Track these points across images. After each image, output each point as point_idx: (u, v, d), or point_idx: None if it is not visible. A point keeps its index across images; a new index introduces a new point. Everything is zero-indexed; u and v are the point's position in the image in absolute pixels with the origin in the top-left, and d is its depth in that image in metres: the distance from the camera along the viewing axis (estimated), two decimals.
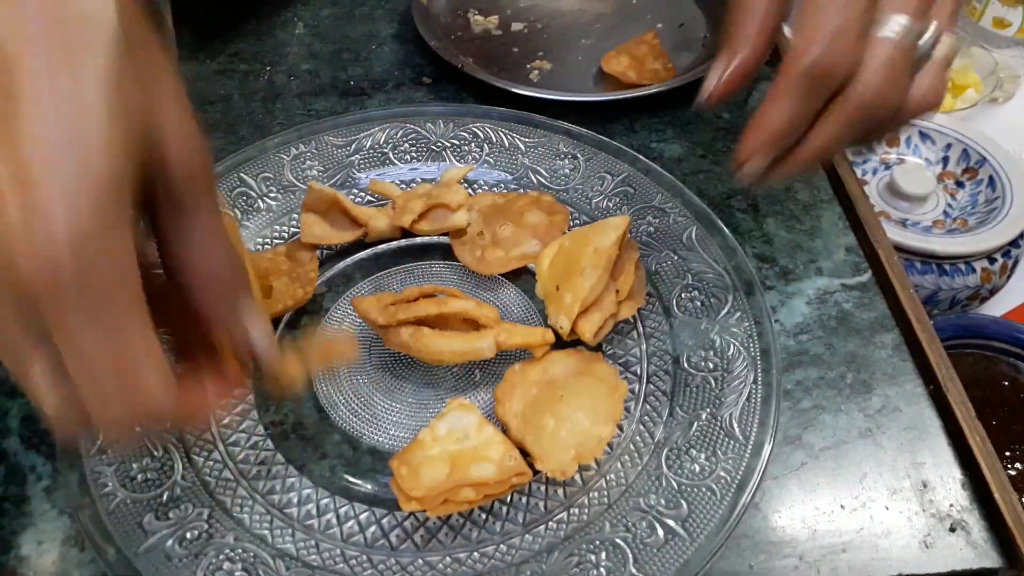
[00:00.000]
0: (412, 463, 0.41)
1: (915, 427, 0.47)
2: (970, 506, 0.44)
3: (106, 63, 0.26)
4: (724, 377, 0.46)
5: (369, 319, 0.45)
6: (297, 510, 0.42)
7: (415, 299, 0.46)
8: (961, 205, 0.89)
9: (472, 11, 0.72)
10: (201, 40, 0.71)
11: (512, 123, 0.58)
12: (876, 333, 0.51)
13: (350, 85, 0.67)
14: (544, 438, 0.42)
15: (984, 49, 1.06)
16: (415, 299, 0.46)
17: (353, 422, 0.46)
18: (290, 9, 0.74)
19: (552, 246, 0.49)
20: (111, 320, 0.26)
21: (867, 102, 0.36)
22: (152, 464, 0.42)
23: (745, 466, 0.42)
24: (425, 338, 0.44)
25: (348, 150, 0.57)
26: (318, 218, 0.53)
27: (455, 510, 0.40)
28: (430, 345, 0.44)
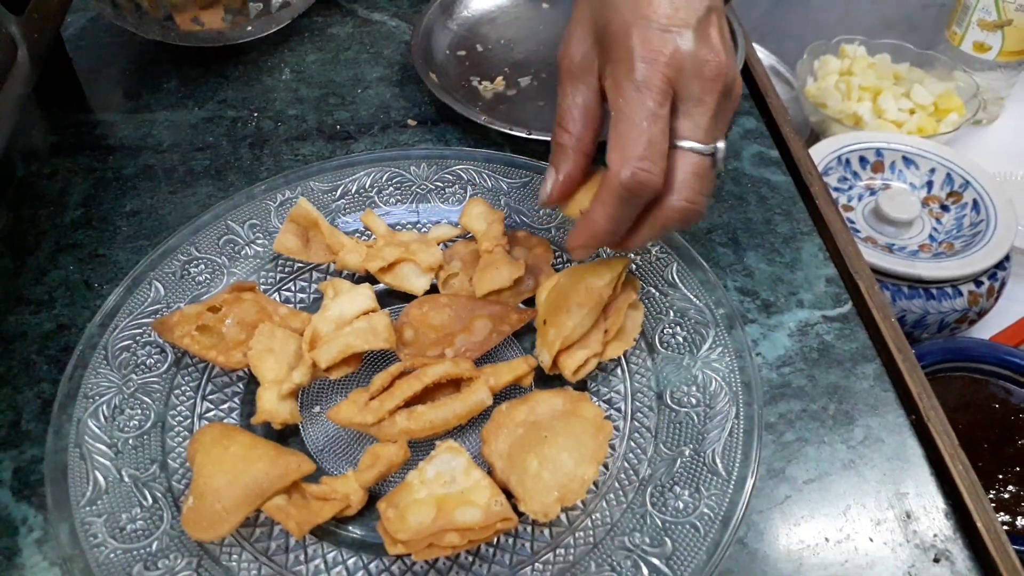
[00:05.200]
0: (399, 506, 0.41)
1: (898, 457, 0.47)
2: (954, 536, 0.44)
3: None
4: (707, 412, 0.46)
5: (355, 424, 0.45)
6: (285, 557, 0.42)
7: (390, 384, 0.46)
8: (947, 229, 0.90)
9: (474, 79, 0.73)
10: (189, 87, 0.72)
11: (495, 164, 0.59)
12: (857, 364, 0.52)
13: (336, 129, 0.68)
14: (528, 479, 0.42)
15: (966, 73, 1.07)
16: (390, 384, 0.46)
17: (339, 466, 0.46)
18: (276, 55, 0.76)
19: (551, 279, 0.50)
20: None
21: (678, 212, 0.41)
22: (141, 514, 0.43)
23: (728, 501, 0.43)
24: (425, 415, 0.45)
25: (334, 195, 0.58)
26: (299, 232, 0.54)
27: (440, 555, 0.40)
28: (432, 419, 0.45)
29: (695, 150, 0.41)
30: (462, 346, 0.49)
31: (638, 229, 0.43)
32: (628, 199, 0.40)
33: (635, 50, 0.40)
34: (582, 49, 0.44)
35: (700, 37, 0.40)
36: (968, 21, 1.08)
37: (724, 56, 0.41)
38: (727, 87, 0.41)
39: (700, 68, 0.40)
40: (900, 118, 1.05)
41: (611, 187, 0.40)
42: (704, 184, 0.41)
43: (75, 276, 0.57)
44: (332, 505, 0.42)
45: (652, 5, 0.40)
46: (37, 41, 0.61)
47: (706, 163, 0.41)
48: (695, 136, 0.41)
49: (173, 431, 0.47)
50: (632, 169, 0.39)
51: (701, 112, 0.41)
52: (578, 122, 0.44)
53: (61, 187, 0.63)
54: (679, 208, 0.41)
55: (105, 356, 0.49)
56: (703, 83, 0.40)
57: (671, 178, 0.41)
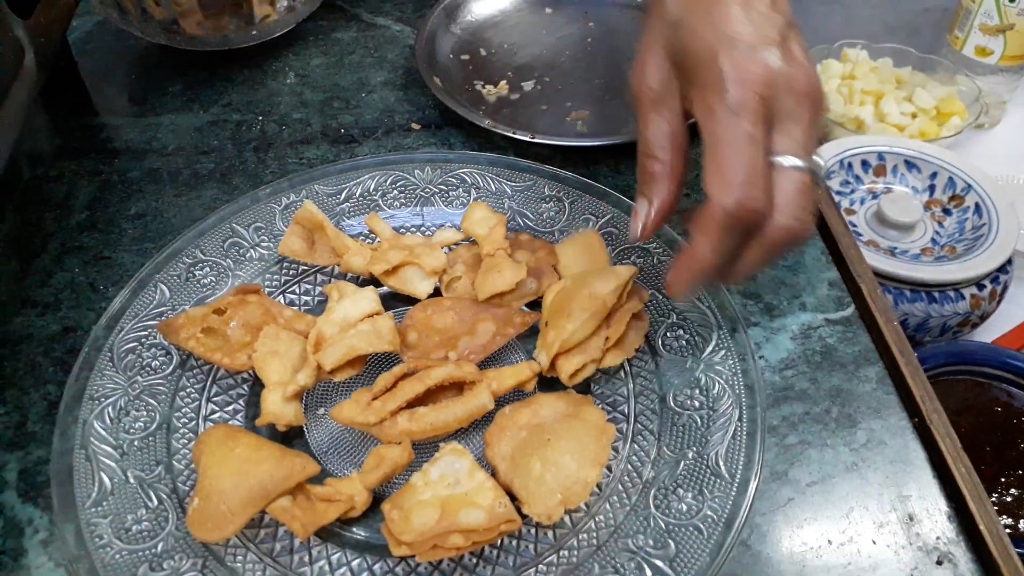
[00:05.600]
0: (403, 507, 0.42)
1: (900, 460, 0.48)
2: (956, 538, 0.44)
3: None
4: (710, 415, 0.47)
5: (357, 423, 0.45)
6: (290, 558, 0.42)
7: (392, 385, 0.46)
8: (949, 232, 0.90)
9: (478, 83, 0.73)
10: (194, 91, 0.73)
11: (499, 168, 0.59)
12: (860, 367, 0.52)
13: (340, 133, 0.68)
14: (531, 482, 0.42)
15: (968, 77, 1.07)
16: (392, 385, 0.46)
17: (344, 467, 0.46)
18: (281, 59, 0.76)
19: (559, 282, 0.51)
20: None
21: (787, 232, 0.39)
22: (146, 515, 0.43)
23: (732, 504, 0.43)
24: (426, 417, 0.45)
25: (338, 198, 0.58)
26: (304, 234, 0.54)
27: (444, 556, 0.40)
28: (434, 421, 0.45)
29: (796, 167, 0.39)
30: (465, 349, 0.50)
31: (744, 257, 0.41)
32: (734, 227, 0.38)
33: (725, 72, 0.38)
34: (660, 75, 0.43)
35: (786, 53, 0.39)
36: (970, 25, 1.08)
37: (810, 71, 0.40)
38: (819, 100, 0.40)
39: (791, 84, 0.39)
40: (902, 122, 1.05)
41: (715, 217, 0.38)
42: (808, 201, 0.39)
43: (81, 278, 0.57)
44: (337, 506, 0.42)
45: (735, 25, 0.39)
46: (43, 45, 0.61)
47: (808, 179, 0.39)
48: (795, 152, 0.39)
49: (178, 433, 0.47)
50: (737, 196, 0.37)
51: (798, 128, 0.39)
52: (667, 149, 0.42)
53: (67, 190, 0.64)
54: (787, 228, 0.39)
55: (111, 358, 0.49)
56: (796, 99, 0.39)
57: (775, 199, 0.39)
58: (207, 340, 0.49)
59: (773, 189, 0.39)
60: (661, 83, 0.43)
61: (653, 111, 0.43)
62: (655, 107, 0.43)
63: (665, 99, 0.43)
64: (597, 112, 0.70)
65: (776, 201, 0.39)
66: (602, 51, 0.76)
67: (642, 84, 0.43)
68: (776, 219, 0.39)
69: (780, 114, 0.39)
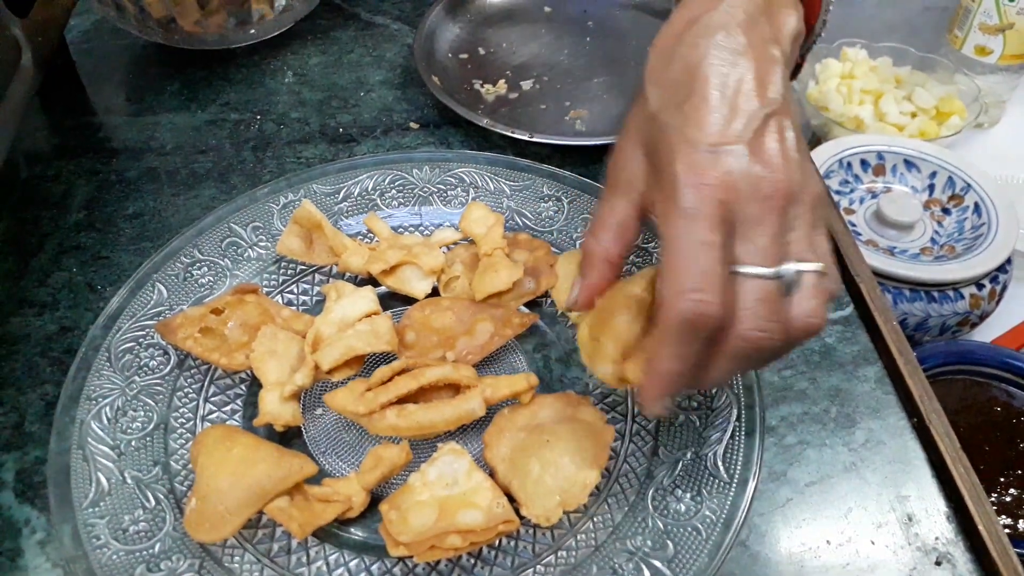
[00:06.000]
0: (401, 508, 0.42)
1: (899, 460, 0.48)
2: (955, 539, 0.44)
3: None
4: (708, 415, 0.46)
5: (347, 412, 0.45)
6: (287, 559, 0.42)
7: (389, 379, 0.46)
8: (948, 232, 0.90)
9: (476, 82, 0.73)
10: (192, 90, 0.72)
11: (497, 167, 0.59)
12: (859, 367, 0.52)
13: (339, 132, 0.68)
14: (529, 483, 0.42)
15: (967, 76, 1.07)
16: (389, 379, 0.46)
17: (342, 468, 0.46)
18: (279, 58, 0.76)
19: (589, 315, 0.48)
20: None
21: (750, 341, 0.37)
22: (144, 516, 0.43)
23: (730, 504, 0.43)
24: (414, 415, 0.44)
25: (336, 197, 0.58)
26: (302, 234, 0.54)
27: (442, 556, 0.40)
28: (421, 420, 0.44)
29: (756, 275, 0.36)
30: (463, 349, 0.49)
31: (711, 366, 0.38)
32: (687, 333, 0.37)
33: (679, 177, 0.37)
34: (631, 164, 0.42)
35: (755, 151, 0.37)
36: (969, 25, 1.08)
37: (782, 170, 0.37)
38: (787, 201, 0.37)
39: (755, 186, 0.37)
40: (901, 121, 1.05)
41: (667, 323, 0.37)
42: (772, 310, 0.37)
43: (78, 278, 0.57)
44: (334, 507, 0.42)
45: (700, 124, 0.37)
46: (41, 44, 0.61)
47: (771, 287, 0.37)
48: (754, 260, 0.37)
49: (176, 433, 0.47)
50: (686, 301, 0.36)
51: (760, 233, 0.37)
52: (610, 234, 0.42)
53: (64, 189, 0.63)
54: (747, 338, 0.37)
55: (108, 358, 0.49)
56: (759, 202, 0.37)
57: (734, 307, 0.37)
58: (205, 340, 0.49)
59: (734, 297, 0.36)
60: (629, 172, 0.42)
61: (611, 194, 0.42)
62: (614, 191, 0.42)
63: (627, 188, 0.42)
64: (596, 111, 0.70)
65: (735, 310, 0.36)
66: (601, 50, 0.76)
67: (612, 166, 0.43)
68: (736, 329, 0.37)
69: (741, 220, 0.37)
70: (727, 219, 0.36)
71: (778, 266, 0.37)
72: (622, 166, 0.42)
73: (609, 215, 0.42)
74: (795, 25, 0.42)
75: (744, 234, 0.37)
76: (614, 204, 0.42)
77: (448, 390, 0.46)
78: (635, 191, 0.42)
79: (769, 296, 0.37)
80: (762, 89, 0.38)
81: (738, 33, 0.39)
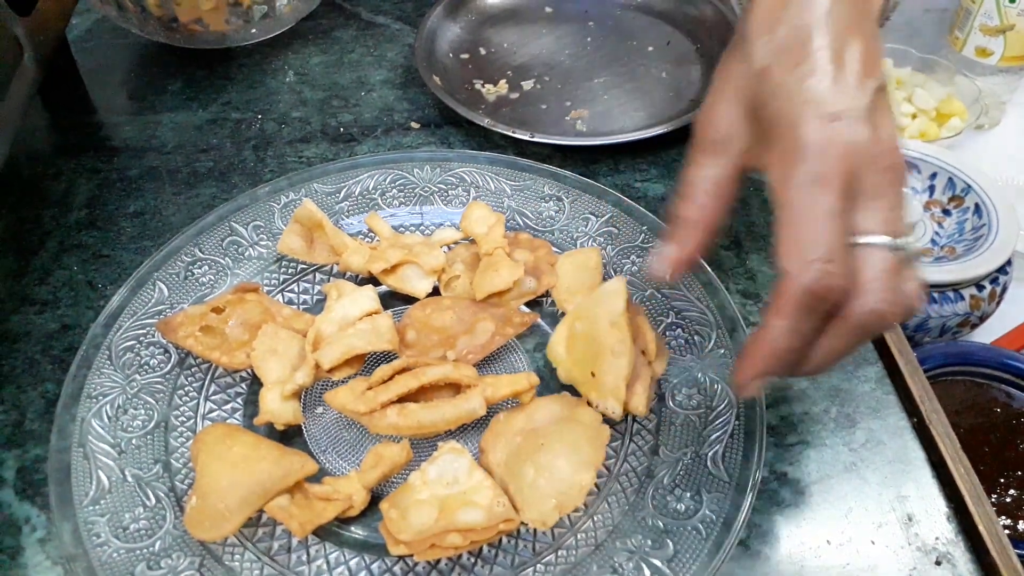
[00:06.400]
0: (401, 506, 0.42)
1: (899, 460, 0.48)
2: (955, 539, 0.44)
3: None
4: (708, 415, 0.46)
5: (348, 410, 0.45)
6: (287, 557, 0.42)
7: (389, 378, 0.46)
8: (948, 233, 0.90)
9: (477, 82, 0.73)
10: (193, 89, 0.72)
11: (498, 167, 0.59)
12: (859, 367, 0.52)
13: (340, 131, 0.68)
14: (525, 488, 0.42)
15: (967, 77, 1.07)
16: (389, 378, 0.46)
17: (342, 466, 0.46)
18: (280, 58, 0.76)
19: (560, 331, 0.48)
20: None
21: (873, 315, 0.36)
22: (144, 514, 0.43)
23: (730, 504, 0.43)
24: (414, 414, 0.44)
25: (337, 197, 0.58)
26: (303, 233, 0.54)
27: (442, 555, 0.40)
28: (422, 419, 0.44)
29: (883, 245, 0.36)
30: (464, 348, 0.49)
31: (822, 345, 0.37)
32: (813, 307, 0.35)
33: (808, 141, 0.35)
34: (727, 120, 0.40)
35: (873, 124, 0.36)
36: (970, 26, 1.08)
37: (896, 143, 0.37)
38: (901, 175, 0.37)
39: (877, 159, 0.36)
40: (902, 123, 1.05)
41: (792, 295, 0.35)
42: (897, 282, 0.36)
43: (79, 276, 0.57)
44: (335, 505, 0.42)
45: (824, 88, 0.36)
46: (42, 43, 0.61)
47: (895, 259, 0.36)
48: (881, 230, 0.36)
49: (176, 431, 0.47)
50: (816, 272, 0.34)
51: (883, 205, 0.36)
52: (709, 196, 0.40)
53: (65, 188, 0.64)
54: (872, 311, 0.35)
55: (109, 356, 0.49)
56: (882, 174, 0.36)
57: (859, 279, 0.35)
58: (205, 339, 0.49)
59: (858, 268, 0.36)
60: (726, 131, 0.40)
61: (706, 155, 0.41)
62: (710, 151, 0.41)
63: (725, 147, 0.40)
64: (597, 111, 0.70)
65: (860, 281, 0.35)
66: (602, 50, 0.76)
67: (705, 124, 0.41)
68: (860, 301, 0.35)
69: (864, 190, 0.36)
70: (851, 188, 0.36)
71: (899, 238, 0.36)
72: (718, 123, 0.40)
73: (704, 177, 0.40)
74: (880, 1, 0.41)
75: (867, 205, 0.36)
76: (709, 165, 0.40)
77: (449, 389, 0.46)
78: (734, 150, 0.40)
79: (893, 268, 0.36)
80: (872, 63, 0.37)
81: (843, 4, 0.38)
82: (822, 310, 0.36)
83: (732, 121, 0.40)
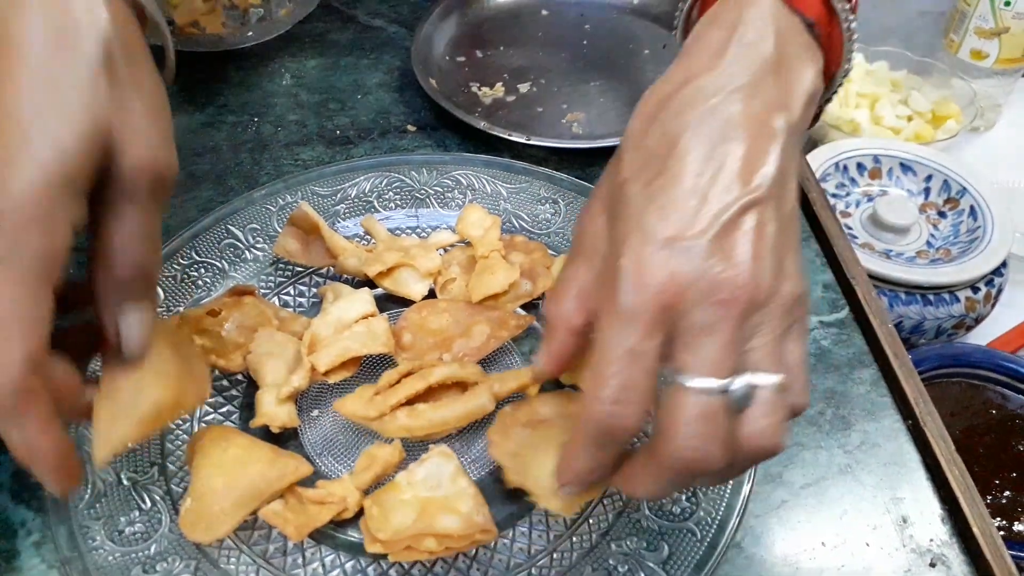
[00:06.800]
0: (384, 505, 0.42)
1: (894, 462, 0.48)
2: (950, 540, 0.45)
3: (88, 61, 0.33)
4: None
5: (359, 417, 0.45)
6: (283, 560, 0.42)
7: (396, 382, 0.46)
8: (944, 235, 0.91)
9: (474, 85, 0.73)
10: (189, 92, 0.72)
11: (494, 170, 0.60)
12: (854, 369, 0.52)
13: (336, 134, 0.68)
14: (544, 477, 0.42)
15: (963, 80, 1.08)
16: (396, 382, 0.46)
17: (338, 469, 0.46)
18: (277, 61, 0.76)
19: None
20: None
21: (683, 460, 0.33)
22: (140, 517, 0.43)
23: (725, 506, 0.43)
24: (424, 414, 0.45)
25: (334, 199, 0.58)
26: (299, 236, 0.54)
27: (416, 559, 0.40)
28: (432, 419, 0.45)
29: (699, 388, 0.32)
30: (460, 351, 0.50)
31: (641, 475, 0.36)
32: (601, 440, 0.34)
33: (621, 272, 0.33)
34: (594, 227, 0.37)
35: (717, 249, 0.32)
36: (965, 29, 1.08)
37: (747, 271, 0.32)
38: (750, 306, 0.32)
39: (710, 290, 0.32)
40: (898, 125, 1.05)
41: (583, 425, 0.34)
42: (713, 428, 0.32)
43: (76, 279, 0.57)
44: (329, 508, 0.42)
45: (662, 211, 0.33)
46: None
47: (713, 403, 0.32)
48: (698, 371, 0.32)
49: (172, 434, 0.47)
50: (601, 409, 0.33)
51: (709, 343, 0.32)
52: (570, 300, 0.37)
53: None
54: (680, 456, 0.33)
55: None
56: (713, 308, 0.32)
57: (668, 421, 0.33)
58: (202, 341, 0.49)
59: (669, 409, 0.33)
60: (592, 235, 0.37)
61: (574, 257, 0.38)
62: (577, 254, 0.38)
63: (590, 253, 0.37)
64: (593, 114, 0.70)
65: (666, 424, 0.33)
66: (598, 53, 0.77)
67: (577, 226, 0.39)
68: (664, 444, 0.33)
69: (689, 326, 0.32)
70: (671, 324, 0.33)
71: (727, 379, 0.32)
72: (585, 229, 0.38)
73: (571, 280, 0.38)
74: (811, 82, 0.37)
75: (690, 343, 0.33)
76: (576, 268, 0.38)
77: (455, 389, 0.46)
78: (597, 256, 0.37)
79: (710, 413, 0.32)
80: (747, 173, 0.33)
81: (735, 101, 0.34)
82: (612, 445, 0.34)
83: (597, 228, 0.37)
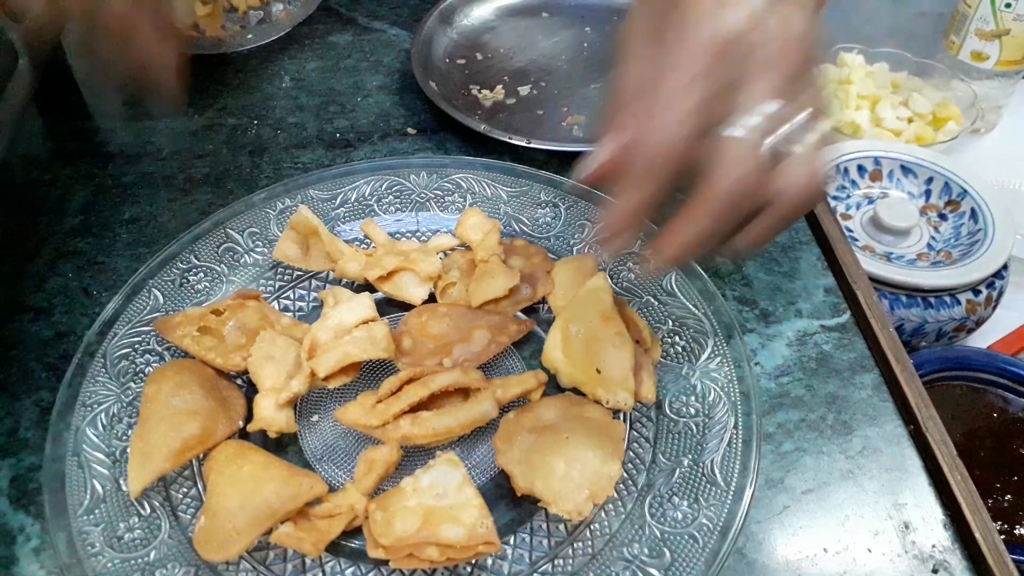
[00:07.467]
0: (388, 510, 0.42)
1: (896, 468, 0.47)
2: (952, 546, 0.44)
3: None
4: (706, 423, 0.46)
5: (361, 426, 0.45)
6: (283, 567, 0.42)
7: (398, 389, 0.46)
8: (944, 237, 0.90)
9: (474, 88, 0.73)
10: (189, 95, 0.72)
11: (495, 173, 0.59)
12: (856, 373, 0.52)
13: (336, 137, 0.68)
14: (555, 481, 0.42)
15: (963, 82, 1.08)
16: (398, 389, 0.46)
17: (337, 475, 0.46)
18: (276, 63, 0.76)
19: (553, 336, 0.49)
20: None
21: (720, 188, 0.36)
22: (139, 523, 0.43)
23: (727, 512, 0.43)
24: (428, 421, 0.44)
25: (333, 203, 0.58)
26: (298, 239, 0.54)
27: (417, 566, 0.40)
28: (436, 426, 0.44)
29: (738, 135, 0.36)
30: (460, 356, 0.49)
31: (677, 220, 0.39)
32: (646, 173, 0.37)
33: (686, 21, 0.36)
34: (640, 64, 0.40)
35: (776, 13, 0.37)
36: (966, 30, 1.08)
37: (802, 30, 0.37)
38: (791, 69, 0.37)
39: (752, 49, 0.36)
40: (898, 127, 1.05)
41: (632, 159, 0.38)
42: (751, 159, 0.36)
43: (74, 283, 0.57)
44: (340, 520, 0.42)
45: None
46: (37, 48, 0.61)
47: (753, 137, 0.36)
48: (742, 117, 0.36)
49: None
50: (654, 131, 0.36)
51: (743, 94, 0.36)
52: (620, 116, 0.40)
53: (61, 194, 0.63)
54: (719, 188, 0.36)
55: (104, 364, 0.49)
56: (768, 51, 0.36)
57: (710, 162, 0.37)
58: (203, 339, 0.49)
59: (714, 147, 0.37)
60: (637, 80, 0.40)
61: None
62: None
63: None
64: (593, 117, 0.70)
65: (707, 168, 0.37)
66: (598, 56, 0.76)
67: (619, 84, 0.41)
68: (704, 182, 0.37)
69: (736, 80, 0.37)
70: (722, 76, 0.36)
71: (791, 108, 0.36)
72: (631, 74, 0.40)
73: (621, 91, 0.40)
74: None
75: (737, 95, 0.36)
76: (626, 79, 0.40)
77: (457, 395, 0.46)
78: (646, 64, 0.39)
79: (749, 147, 0.36)
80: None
81: None
82: (657, 173, 0.37)
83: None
